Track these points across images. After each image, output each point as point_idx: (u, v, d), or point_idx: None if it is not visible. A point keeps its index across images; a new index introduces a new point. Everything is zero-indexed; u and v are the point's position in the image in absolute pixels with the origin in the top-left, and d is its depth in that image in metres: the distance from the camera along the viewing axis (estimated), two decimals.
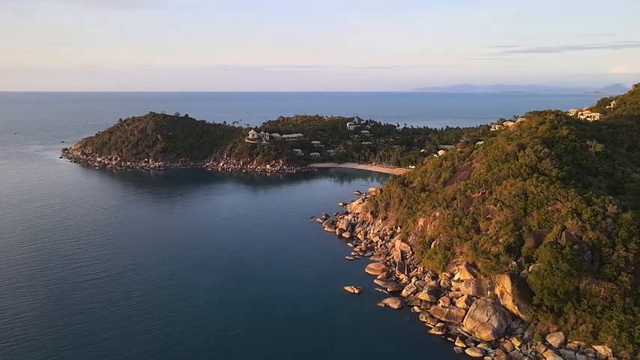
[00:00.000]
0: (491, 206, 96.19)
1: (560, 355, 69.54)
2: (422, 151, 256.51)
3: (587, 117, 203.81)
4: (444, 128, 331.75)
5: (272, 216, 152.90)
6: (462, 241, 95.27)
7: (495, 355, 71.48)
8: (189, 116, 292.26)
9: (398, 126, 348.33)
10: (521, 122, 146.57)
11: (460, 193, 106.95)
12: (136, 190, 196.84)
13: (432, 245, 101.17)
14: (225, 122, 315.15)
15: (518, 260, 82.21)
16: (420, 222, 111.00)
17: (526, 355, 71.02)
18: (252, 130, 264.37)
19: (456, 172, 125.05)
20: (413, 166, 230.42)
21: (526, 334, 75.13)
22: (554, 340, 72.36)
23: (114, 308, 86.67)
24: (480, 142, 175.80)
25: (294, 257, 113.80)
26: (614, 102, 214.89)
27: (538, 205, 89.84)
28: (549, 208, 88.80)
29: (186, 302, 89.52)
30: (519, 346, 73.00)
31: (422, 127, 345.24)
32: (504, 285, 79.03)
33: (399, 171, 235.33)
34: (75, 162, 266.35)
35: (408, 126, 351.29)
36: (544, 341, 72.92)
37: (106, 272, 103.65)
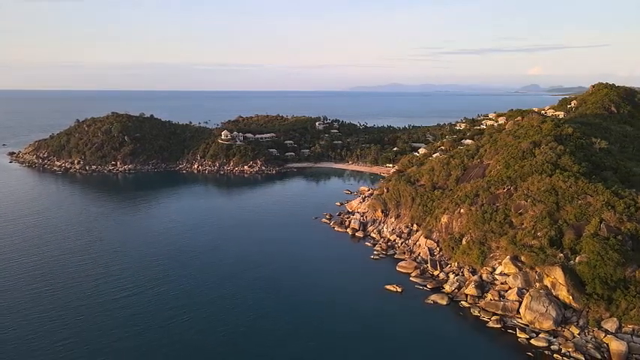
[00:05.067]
0: (522, 202, 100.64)
1: (619, 339, 74.34)
2: (394, 149, 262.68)
3: (552, 115, 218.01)
4: (409, 126, 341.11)
5: (275, 217, 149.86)
6: (496, 235, 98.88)
7: (560, 344, 75.12)
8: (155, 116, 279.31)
9: (360, 125, 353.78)
10: (518, 120, 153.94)
11: (483, 190, 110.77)
12: (112, 196, 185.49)
13: (464, 241, 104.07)
14: (190, 122, 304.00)
15: (564, 252, 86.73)
16: (444, 219, 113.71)
17: (588, 342, 75.14)
18: (224, 131, 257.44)
19: (467, 170, 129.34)
20: (390, 165, 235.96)
21: (581, 322, 79.45)
22: (610, 325, 77.07)
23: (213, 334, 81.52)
24: (467, 141, 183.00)
25: (321, 260, 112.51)
26: (574, 102, 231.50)
27: (569, 200, 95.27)
28: (580, 202, 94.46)
29: (235, 314, 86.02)
30: (578, 334, 77.14)
31: (385, 126, 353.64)
32: (556, 276, 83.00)
33: (377, 169, 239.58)
34: (29, 167, 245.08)
35: (370, 124, 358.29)
36: (600, 327, 77.59)
37: (149, 284, 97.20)
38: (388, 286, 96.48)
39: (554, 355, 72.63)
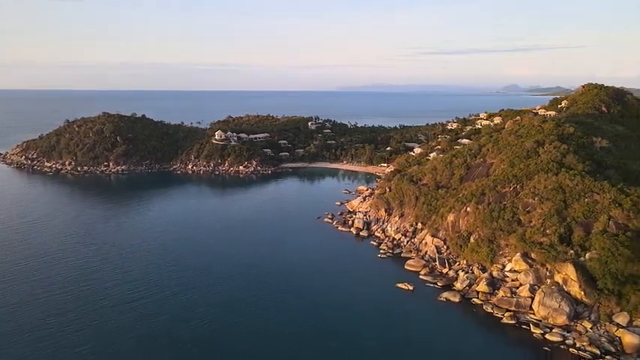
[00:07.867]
0: (530, 200, 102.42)
1: (631, 332, 76.25)
2: (388, 149, 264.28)
3: (545, 115, 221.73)
4: (400, 126, 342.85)
5: (278, 218, 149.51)
6: (504, 233, 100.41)
7: (575, 338, 76.80)
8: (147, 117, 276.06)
9: (350, 125, 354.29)
10: (518, 120, 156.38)
11: (490, 189, 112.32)
12: (107, 198, 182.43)
13: (472, 239, 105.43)
14: (182, 123, 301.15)
15: (574, 249, 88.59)
16: (450, 217, 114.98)
17: (601, 336, 76.99)
18: (218, 131, 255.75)
19: (470, 169, 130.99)
20: (385, 164, 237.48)
21: (592, 317, 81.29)
22: (622, 319, 78.90)
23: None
24: (464, 140, 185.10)
25: (330, 260, 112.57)
26: (565, 102, 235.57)
27: (577, 198, 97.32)
28: (587, 199, 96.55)
29: (258, 318, 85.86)
30: (591, 328, 78.94)
31: (376, 126, 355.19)
32: (567, 272, 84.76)
33: (372, 169, 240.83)
34: (18, 168, 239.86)
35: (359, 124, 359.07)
36: (611, 321, 79.49)
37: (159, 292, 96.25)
38: (399, 285, 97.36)
39: (570, 349, 74.28)
